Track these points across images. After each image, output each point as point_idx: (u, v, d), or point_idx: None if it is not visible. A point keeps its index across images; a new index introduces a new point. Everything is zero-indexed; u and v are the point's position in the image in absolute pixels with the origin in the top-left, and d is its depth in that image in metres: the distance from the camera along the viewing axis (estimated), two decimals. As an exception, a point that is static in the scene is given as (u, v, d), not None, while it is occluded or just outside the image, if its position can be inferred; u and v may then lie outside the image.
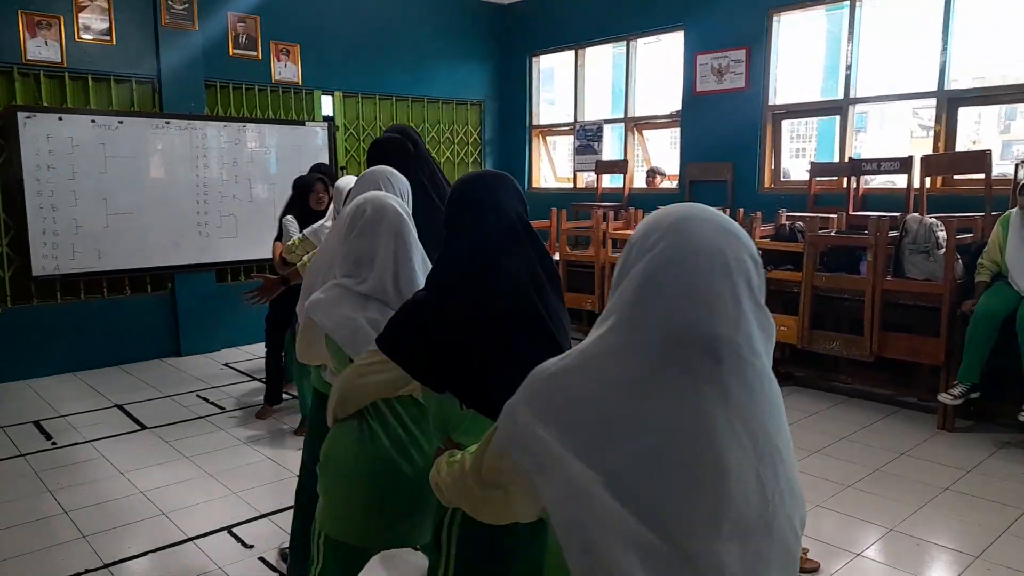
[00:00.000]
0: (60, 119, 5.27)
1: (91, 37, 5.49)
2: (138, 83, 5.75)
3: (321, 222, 3.60)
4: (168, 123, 5.75)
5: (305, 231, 3.67)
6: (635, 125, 7.13)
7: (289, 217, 4.28)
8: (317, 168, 4.70)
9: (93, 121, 5.42)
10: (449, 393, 1.39)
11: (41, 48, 5.29)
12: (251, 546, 2.94)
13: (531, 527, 1.19)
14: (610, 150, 7.30)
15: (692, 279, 0.88)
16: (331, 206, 3.68)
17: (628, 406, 0.89)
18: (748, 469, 0.89)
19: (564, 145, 8.13)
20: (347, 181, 2.84)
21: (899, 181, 5.33)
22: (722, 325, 0.88)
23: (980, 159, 4.66)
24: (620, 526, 0.86)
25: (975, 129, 5.71)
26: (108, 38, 5.55)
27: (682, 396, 0.87)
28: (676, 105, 6.65)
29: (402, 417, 1.74)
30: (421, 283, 1.70)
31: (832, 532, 3.00)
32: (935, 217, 4.33)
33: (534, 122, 8.00)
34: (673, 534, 0.86)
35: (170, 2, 5.75)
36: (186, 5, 5.83)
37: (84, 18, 5.44)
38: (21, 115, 5.11)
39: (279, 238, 4.45)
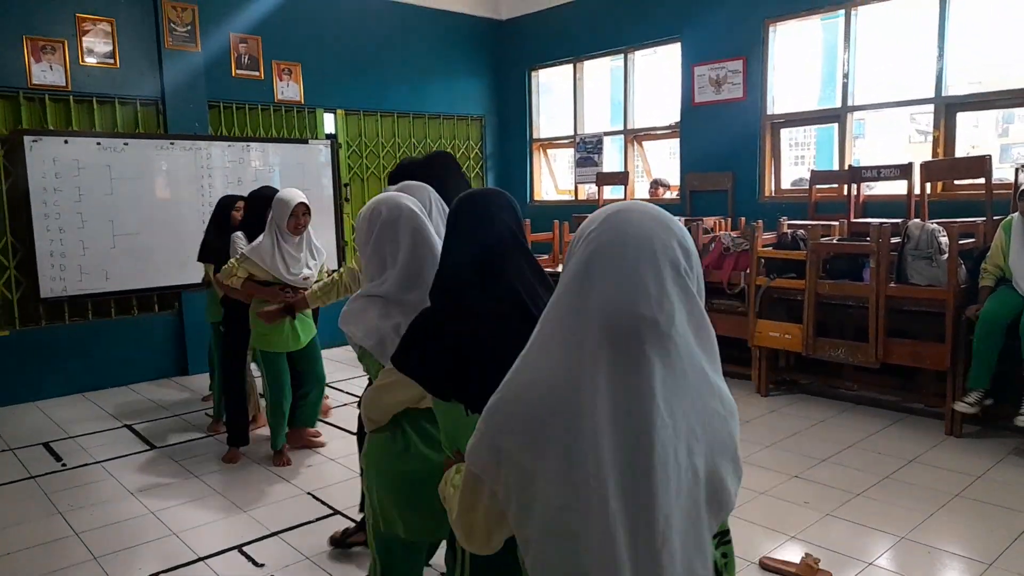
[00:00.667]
0: (66, 142, 5.32)
1: (95, 60, 5.55)
2: (142, 105, 5.80)
3: (256, 242, 3.74)
4: (172, 144, 5.80)
5: (244, 250, 3.74)
6: (635, 137, 7.17)
7: (239, 234, 4.12)
8: (262, 191, 4.23)
9: (98, 143, 5.47)
10: (455, 401, 1.42)
11: (46, 72, 5.35)
12: (262, 565, 2.94)
13: None
14: (610, 162, 7.34)
15: (621, 264, 0.96)
16: (268, 223, 3.75)
17: (565, 396, 0.95)
18: (670, 448, 0.94)
19: (564, 158, 8.17)
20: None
21: (899, 187, 5.36)
22: (644, 305, 0.94)
23: (980, 164, 4.69)
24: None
25: (973, 134, 5.74)
26: (112, 61, 5.61)
27: (613, 374, 0.94)
28: (675, 116, 6.70)
29: (432, 417, 1.74)
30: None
31: (843, 541, 3.00)
32: (937, 223, 4.35)
33: (534, 135, 8.04)
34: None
35: (173, 24, 5.82)
36: (188, 27, 5.90)
37: (88, 41, 5.51)
38: (27, 139, 5.16)
39: (204, 256, 4.51)
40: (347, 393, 5.39)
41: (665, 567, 0.94)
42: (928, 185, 5.00)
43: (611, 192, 7.24)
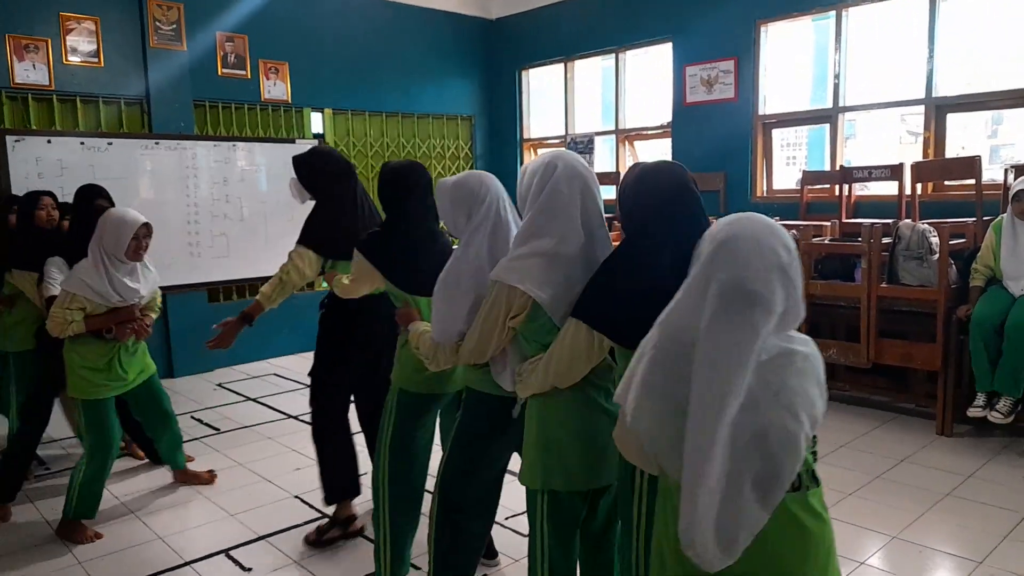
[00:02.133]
0: (49, 142, 5.24)
1: (79, 59, 5.47)
2: (126, 104, 5.73)
3: (79, 273, 3.04)
4: (157, 144, 5.73)
5: (64, 284, 3.05)
6: (626, 137, 7.16)
7: (57, 260, 3.32)
8: (93, 190, 3.62)
9: (82, 143, 5.39)
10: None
11: (29, 71, 5.27)
12: (249, 569, 2.89)
13: None
14: (602, 162, 7.33)
15: (736, 253, 1.29)
16: (91, 247, 3.08)
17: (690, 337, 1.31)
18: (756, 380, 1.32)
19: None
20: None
21: (890, 188, 5.36)
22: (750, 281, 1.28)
23: (970, 165, 4.69)
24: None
25: (963, 135, 5.75)
26: (96, 60, 5.54)
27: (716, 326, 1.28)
28: (667, 116, 6.68)
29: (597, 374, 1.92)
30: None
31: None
32: (927, 223, 4.35)
33: (525, 135, 8.02)
34: None
35: (158, 23, 5.75)
36: (174, 25, 5.83)
37: (72, 40, 5.43)
38: (10, 139, 5.08)
39: (22, 260, 3.50)
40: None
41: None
42: (919, 186, 5.00)
43: (604, 192, 7.20)
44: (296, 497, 3.56)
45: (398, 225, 2.49)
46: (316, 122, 6.88)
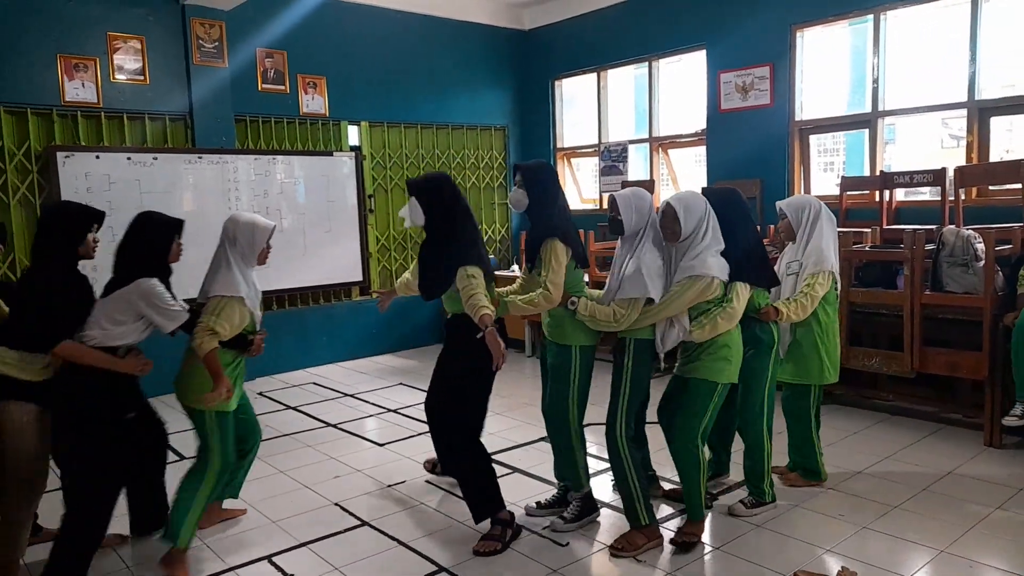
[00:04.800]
0: (97, 157, 5.42)
1: (125, 77, 5.65)
2: (171, 120, 5.90)
3: (226, 276, 2.92)
4: (200, 158, 5.88)
5: (222, 290, 2.90)
6: (660, 145, 7.13)
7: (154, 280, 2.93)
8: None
9: (128, 158, 5.55)
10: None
11: (78, 90, 5.45)
12: (291, 575, 2.94)
13: None
14: (636, 170, 7.31)
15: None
16: (228, 251, 3.05)
17: None
18: None
19: (589, 167, 8.15)
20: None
21: (931, 193, 5.25)
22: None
23: (1015, 169, 4.59)
24: None
25: (1008, 138, 5.61)
26: (142, 77, 5.71)
27: None
28: (701, 123, 6.65)
29: None
30: None
31: (880, 555, 2.92)
32: (972, 229, 4.25)
33: (558, 145, 8.04)
34: None
35: (201, 40, 5.91)
36: (216, 43, 5.98)
37: (119, 59, 5.61)
38: (60, 155, 5.26)
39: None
40: (373, 404, 5.39)
41: None
42: (962, 191, 4.89)
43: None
44: (336, 504, 3.61)
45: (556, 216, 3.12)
46: (353, 134, 6.99)
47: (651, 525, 3.05)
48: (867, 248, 4.67)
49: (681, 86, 7.12)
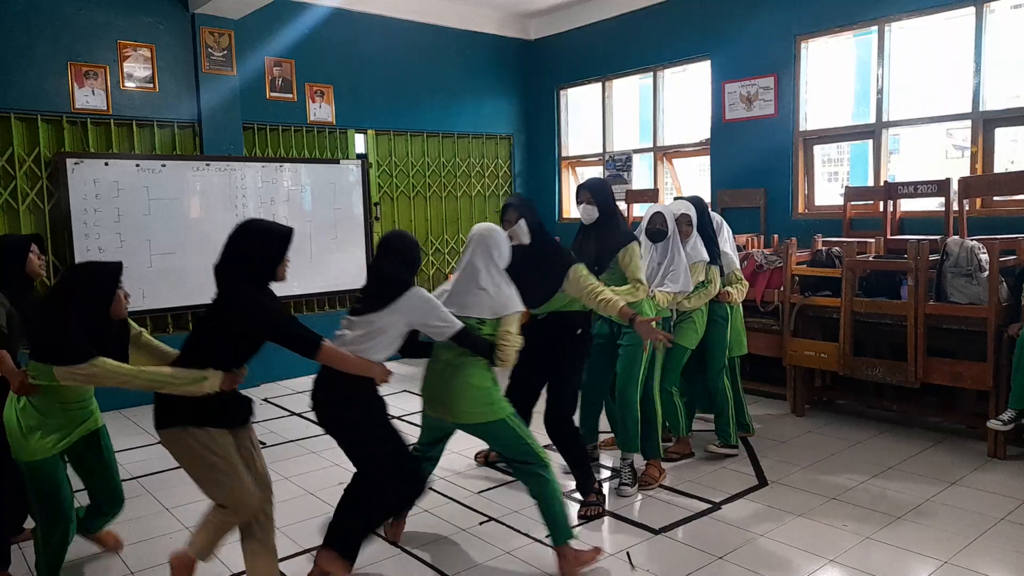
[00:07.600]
0: (106, 164, 5.47)
1: (135, 85, 5.70)
2: (179, 127, 5.95)
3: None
4: (208, 165, 5.92)
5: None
6: (664, 154, 7.16)
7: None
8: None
9: (137, 165, 5.60)
10: None
11: (88, 97, 5.51)
12: (296, 582, 2.95)
13: None
14: (640, 179, 7.33)
15: None
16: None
17: None
18: None
19: (593, 175, 8.18)
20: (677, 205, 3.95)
21: (935, 203, 5.26)
22: None
23: (1020, 180, 4.60)
24: None
25: (1012, 149, 5.63)
26: (151, 85, 5.77)
27: None
28: (705, 133, 6.67)
29: None
30: None
31: (884, 566, 2.92)
32: (976, 239, 4.26)
33: (563, 154, 8.07)
34: None
35: (210, 49, 5.96)
36: (225, 51, 6.04)
37: (128, 67, 5.67)
38: (69, 161, 5.31)
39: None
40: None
41: None
42: (966, 201, 4.90)
43: (640, 209, 7.21)
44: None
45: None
46: (359, 143, 7.04)
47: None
48: (871, 258, 4.68)
49: (685, 96, 7.16)
